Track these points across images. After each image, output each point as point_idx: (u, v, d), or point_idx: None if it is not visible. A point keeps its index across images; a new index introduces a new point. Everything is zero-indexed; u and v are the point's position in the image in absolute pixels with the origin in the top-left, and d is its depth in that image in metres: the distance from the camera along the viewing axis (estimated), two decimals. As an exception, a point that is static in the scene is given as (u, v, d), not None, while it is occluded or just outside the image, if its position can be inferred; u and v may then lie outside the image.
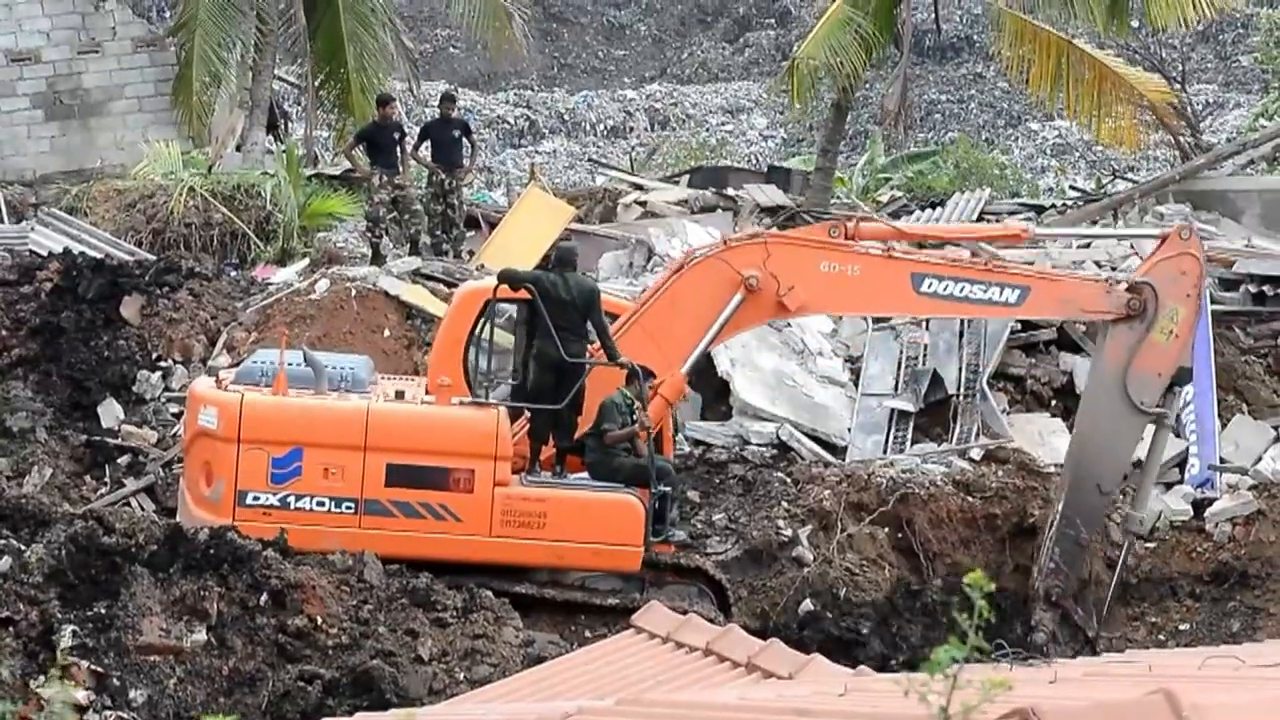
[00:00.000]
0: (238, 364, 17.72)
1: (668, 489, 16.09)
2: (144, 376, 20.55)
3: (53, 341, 20.74)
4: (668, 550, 16.39)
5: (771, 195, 26.23)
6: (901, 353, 20.91)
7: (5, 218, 25.19)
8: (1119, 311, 16.40)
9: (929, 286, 16.26)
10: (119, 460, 19.65)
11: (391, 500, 15.69)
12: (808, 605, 17.53)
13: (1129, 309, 16.31)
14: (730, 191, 26.08)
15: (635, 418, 15.90)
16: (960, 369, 20.43)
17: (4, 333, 20.90)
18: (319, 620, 14.16)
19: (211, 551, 14.27)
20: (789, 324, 21.09)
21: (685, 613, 10.39)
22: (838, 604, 17.60)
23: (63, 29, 28.21)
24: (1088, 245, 24.39)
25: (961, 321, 20.94)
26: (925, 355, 20.79)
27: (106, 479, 19.43)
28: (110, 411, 20.29)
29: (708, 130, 44.77)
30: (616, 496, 15.88)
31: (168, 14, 41.48)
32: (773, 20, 52.49)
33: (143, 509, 18.53)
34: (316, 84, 29.19)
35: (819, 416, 20.05)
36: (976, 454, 19.66)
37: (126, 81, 28.55)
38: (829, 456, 19.54)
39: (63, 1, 28.19)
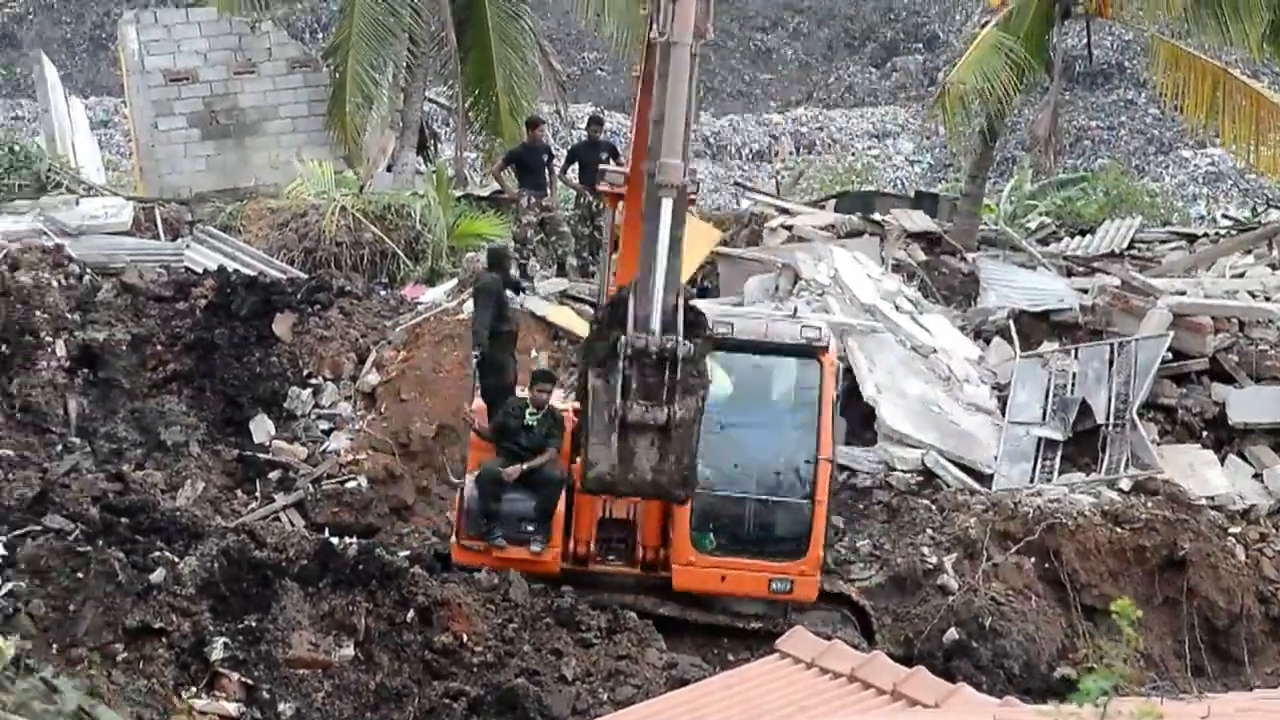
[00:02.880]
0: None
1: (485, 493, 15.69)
2: (295, 393, 20.83)
3: (206, 357, 21.07)
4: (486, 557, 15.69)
5: (919, 221, 26.05)
6: (1050, 380, 20.70)
7: (162, 235, 25.61)
8: None
9: None
10: (269, 475, 19.91)
11: None
12: (953, 634, 17.39)
13: None
14: (877, 217, 25.92)
15: (526, 421, 15.97)
16: (1109, 398, 20.18)
17: (160, 348, 21.26)
18: (465, 638, 14.28)
19: (360, 567, 14.44)
20: (935, 350, 20.96)
21: (829, 638, 10.35)
22: (983, 633, 17.42)
23: (220, 50, 28.65)
24: (1241, 275, 24.07)
25: (1111, 349, 20.70)
26: (1074, 383, 20.57)
27: (257, 493, 19.69)
28: (262, 427, 20.58)
29: (853, 155, 44.58)
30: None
31: (321, 35, 42.07)
32: (920, 45, 52.20)
33: (292, 524, 18.78)
34: (466, 106, 29.46)
35: (965, 444, 19.90)
36: (1125, 484, 19.42)
37: (281, 102, 28.93)
38: (975, 484, 19.39)
39: (220, 23, 28.62)
